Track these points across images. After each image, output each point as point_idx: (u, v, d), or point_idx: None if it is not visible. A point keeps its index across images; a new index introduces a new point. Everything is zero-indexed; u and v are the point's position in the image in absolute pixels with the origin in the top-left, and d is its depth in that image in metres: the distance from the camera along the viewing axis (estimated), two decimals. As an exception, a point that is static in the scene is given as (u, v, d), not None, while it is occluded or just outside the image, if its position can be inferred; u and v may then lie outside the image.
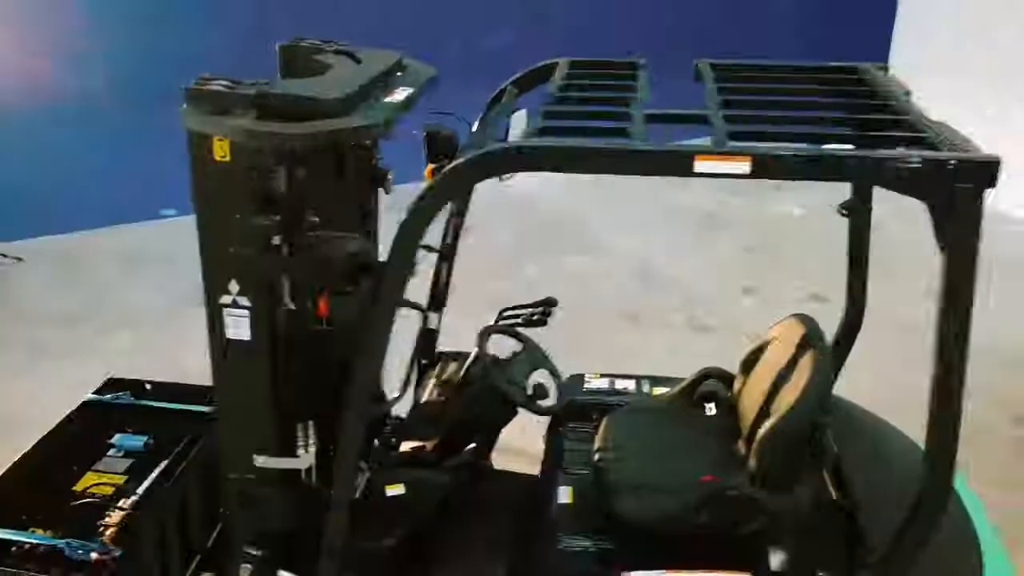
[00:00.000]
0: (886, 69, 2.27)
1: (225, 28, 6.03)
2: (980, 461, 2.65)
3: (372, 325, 1.87)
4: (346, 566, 2.10)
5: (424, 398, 2.59)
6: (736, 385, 2.50)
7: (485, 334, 2.51)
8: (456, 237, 2.72)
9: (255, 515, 2.23)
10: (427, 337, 2.78)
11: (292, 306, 2.06)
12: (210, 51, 5.55)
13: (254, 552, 2.24)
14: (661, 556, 2.12)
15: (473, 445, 2.28)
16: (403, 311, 2.08)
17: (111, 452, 3.01)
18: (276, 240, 1.95)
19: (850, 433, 2.40)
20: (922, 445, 1.88)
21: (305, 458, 2.20)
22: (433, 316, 2.76)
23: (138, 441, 3.04)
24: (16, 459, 2.79)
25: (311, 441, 2.20)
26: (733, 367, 2.52)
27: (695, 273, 5.58)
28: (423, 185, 1.80)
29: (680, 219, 6.30)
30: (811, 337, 2.20)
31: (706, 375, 2.55)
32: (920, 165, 1.61)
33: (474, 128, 2.23)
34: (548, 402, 2.50)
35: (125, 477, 2.86)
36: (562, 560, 2.17)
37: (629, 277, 5.54)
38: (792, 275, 5.35)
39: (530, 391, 2.44)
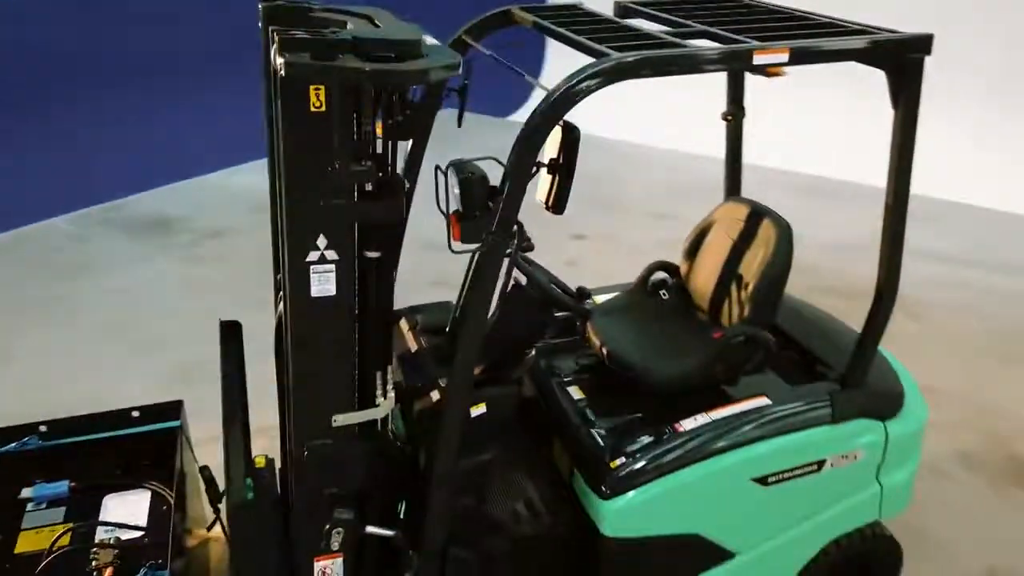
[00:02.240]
0: None
1: None
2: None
3: (489, 248, 2.01)
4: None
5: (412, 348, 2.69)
6: (683, 270, 2.99)
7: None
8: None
9: (338, 477, 2.22)
10: None
11: (378, 253, 2.10)
12: None
13: (344, 515, 2.24)
14: (692, 407, 2.55)
15: (531, 354, 2.46)
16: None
17: (30, 507, 2.69)
18: (368, 187, 2.00)
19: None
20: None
21: (385, 405, 2.25)
22: None
23: (57, 488, 2.75)
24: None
25: (389, 387, 2.25)
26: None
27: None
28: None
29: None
30: (760, 209, 2.76)
31: (653, 269, 3.01)
32: (887, 41, 2.21)
33: None
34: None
35: (70, 523, 2.60)
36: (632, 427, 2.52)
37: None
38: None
39: None
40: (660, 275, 3.03)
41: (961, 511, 3.51)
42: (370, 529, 2.31)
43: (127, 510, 2.74)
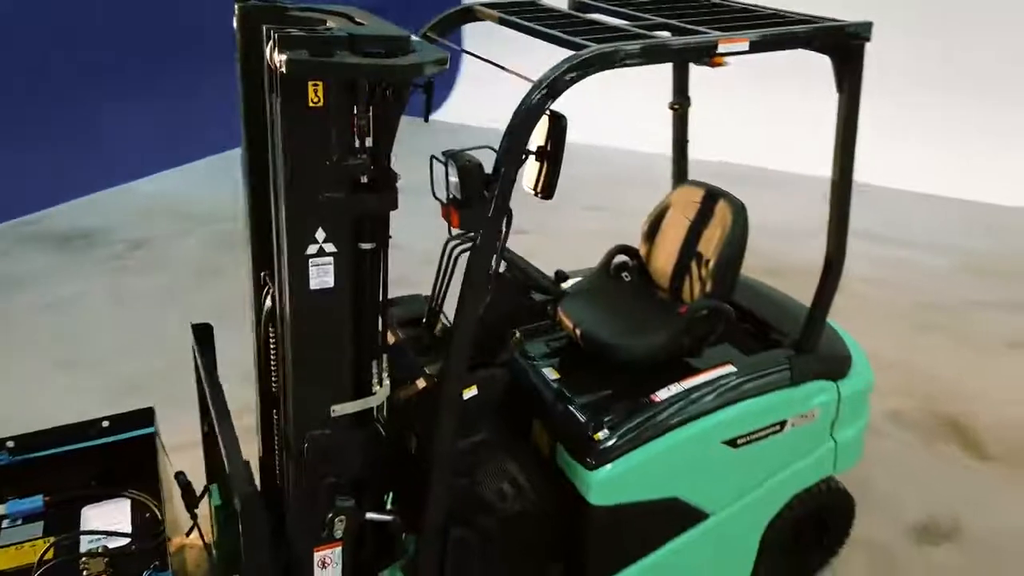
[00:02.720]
0: None
1: None
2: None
3: (483, 225, 2.10)
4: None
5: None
6: (643, 252, 3.15)
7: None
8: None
9: (340, 465, 2.27)
10: None
11: (371, 244, 2.16)
12: None
13: (347, 502, 2.29)
14: (664, 379, 2.70)
15: (515, 336, 2.55)
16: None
17: (6, 524, 2.66)
18: (363, 179, 2.06)
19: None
20: None
21: (381, 393, 2.31)
22: None
23: (32, 503, 2.72)
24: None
25: (385, 375, 2.32)
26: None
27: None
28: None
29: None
30: (714, 191, 2.93)
31: (614, 252, 3.16)
32: (833, 29, 2.41)
33: None
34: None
35: (51, 536, 2.57)
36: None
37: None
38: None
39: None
40: (621, 258, 3.17)
41: (898, 466, 3.79)
42: (370, 515, 2.37)
43: (109, 519, 2.72)
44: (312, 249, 2.03)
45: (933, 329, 5.04)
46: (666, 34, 2.41)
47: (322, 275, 2.07)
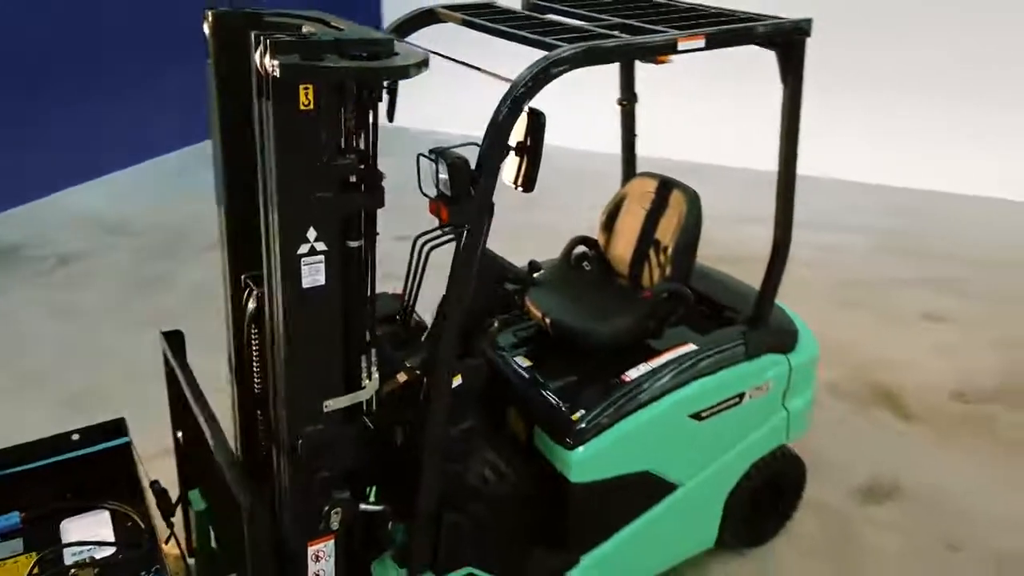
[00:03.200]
0: None
1: None
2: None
3: (471, 219, 2.20)
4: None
5: None
6: (601, 242, 3.29)
7: None
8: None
9: (334, 459, 2.33)
10: None
11: (359, 242, 2.23)
12: None
13: (343, 494, 2.35)
14: (631, 360, 2.85)
15: (494, 326, 2.65)
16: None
17: None
18: (352, 179, 2.13)
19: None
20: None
21: (370, 386, 2.38)
22: None
23: (8, 520, 2.69)
24: None
25: (374, 369, 2.39)
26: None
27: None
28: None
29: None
30: (669, 181, 3.10)
31: (575, 243, 3.29)
32: (779, 25, 2.60)
33: None
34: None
35: (36, 551, 2.56)
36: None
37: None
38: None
39: None
40: (581, 248, 3.31)
41: (839, 434, 4.05)
42: (363, 507, 2.44)
43: (90, 531, 2.70)
44: (304, 248, 2.09)
45: (857, 305, 5.36)
46: (624, 34, 2.55)
47: (314, 273, 2.13)
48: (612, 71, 3.09)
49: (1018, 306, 5.42)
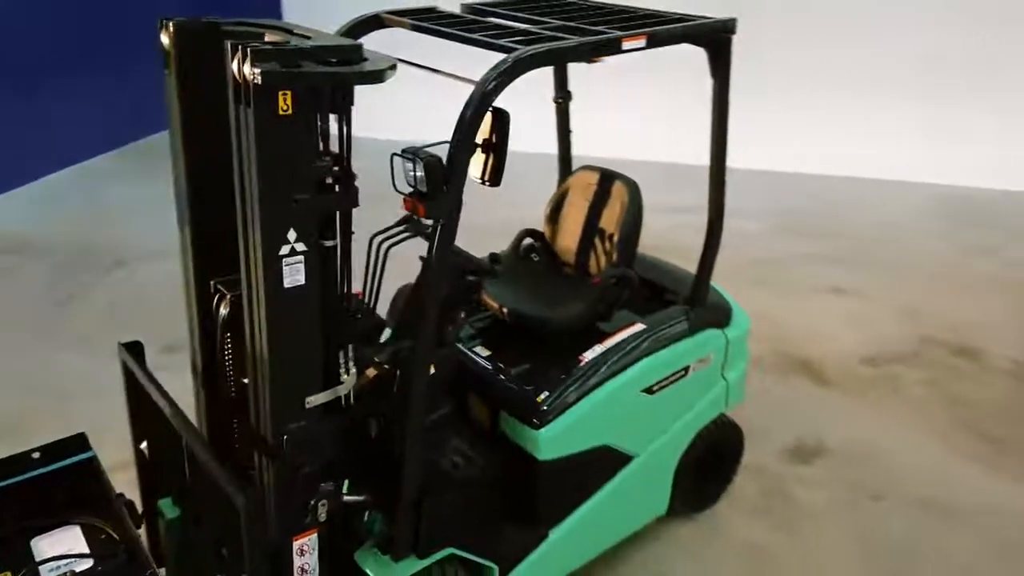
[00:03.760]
0: None
1: None
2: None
3: (445, 214, 2.32)
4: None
5: None
6: (547, 234, 3.45)
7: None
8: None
9: (318, 453, 2.41)
10: None
11: (334, 241, 2.31)
12: None
13: (329, 486, 2.44)
14: (581, 345, 3.02)
15: (461, 316, 2.76)
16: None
17: None
18: (328, 180, 2.22)
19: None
20: None
21: (348, 381, 2.47)
22: None
23: None
24: None
25: (351, 364, 2.48)
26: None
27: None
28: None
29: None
30: (609, 173, 3.28)
31: (522, 236, 3.44)
32: (710, 24, 2.81)
33: None
34: None
35: (8, 571, 2.54)
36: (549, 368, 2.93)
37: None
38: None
39: None
40: (528, 240, 3.47)
41: (764, 401, 4.34)
42: (347, 498, 2.52)
43: (63, 547, 2.67)
44: (285, 249, 2.16)
45: (767, 283, 5.72)
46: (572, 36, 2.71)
47: (294, 273, 2.20)
48: (536, 76, 3.23)
49: (908, 276, 5.91)
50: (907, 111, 7.59)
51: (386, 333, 2.74)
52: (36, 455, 2.86)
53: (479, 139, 2.37)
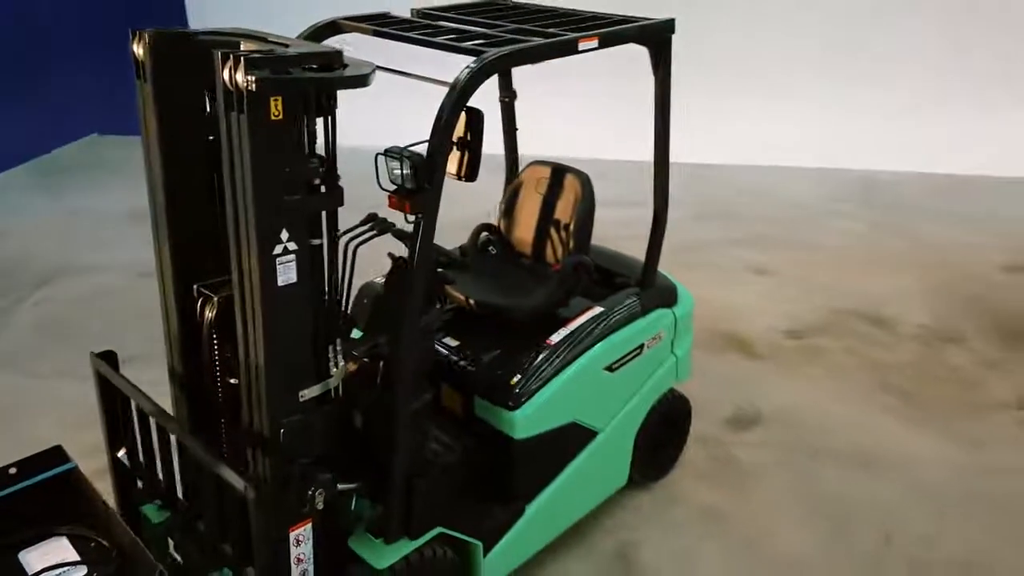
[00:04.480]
0: None
1: None
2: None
3: (426, 207, 2.46)
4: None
5: None
6: (503, 227, 3.62)
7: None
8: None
9: (314, 444, 2.51)
10: None
11: (321, 239, 2.42)
12: None
13: (325, 475, 2.54)
14: (545, 330, 3.20)
15: (438, 308, 2.89)
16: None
17: None
18: (316, 181, 2.33)
19: None
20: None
21: (338, 373, 2.58)
22: None
23: None
24: None
25: (339, 357, 2.59)
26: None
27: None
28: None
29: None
30: (560, 167, 3.47)
31: (480, 230, 3.60)
32: (652, 25, 3.03)
33: None
34: None
35: None
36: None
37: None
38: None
39: None
40: (484, 234, 3.63)
41: (703, 376, 4.59)
42: (340, 486, 2.63)
43: (56, 557, 2.68)
44: (278, 249, 2.26)
45: (693, 266, 5.99)
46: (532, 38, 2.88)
47: (287, 272, 2.30)
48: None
49: (824, 255, 6.34)
50: (816, 98, 7.96)
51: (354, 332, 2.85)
52: (12, 471, 2.86)
53: (454, 138, 2.52)
